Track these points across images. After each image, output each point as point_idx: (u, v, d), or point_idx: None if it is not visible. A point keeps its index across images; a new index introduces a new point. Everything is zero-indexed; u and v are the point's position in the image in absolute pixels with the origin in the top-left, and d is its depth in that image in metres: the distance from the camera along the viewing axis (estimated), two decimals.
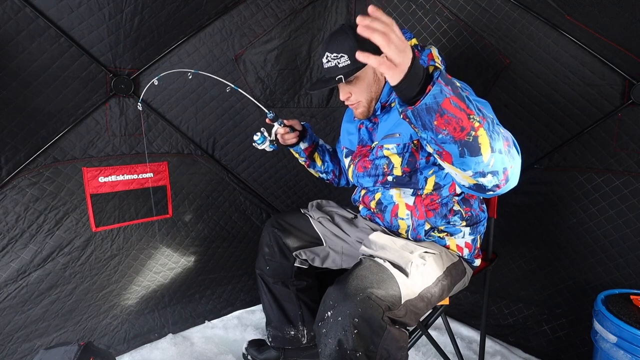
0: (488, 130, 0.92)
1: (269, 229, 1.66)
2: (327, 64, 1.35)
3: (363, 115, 1.44)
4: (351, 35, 1.30)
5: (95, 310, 1.82)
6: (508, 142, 0.98)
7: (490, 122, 0.92)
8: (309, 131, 1.68)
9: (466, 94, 0.90)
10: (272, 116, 1.52)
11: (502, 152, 0.96)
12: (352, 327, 1.06)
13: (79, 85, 1.58)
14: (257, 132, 1.53)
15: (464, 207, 1.40)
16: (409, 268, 1.19)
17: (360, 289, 1.10)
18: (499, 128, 0.97)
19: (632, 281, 1.65)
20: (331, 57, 1.33)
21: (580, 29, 1.59)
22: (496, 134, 0.94)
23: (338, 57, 1.32)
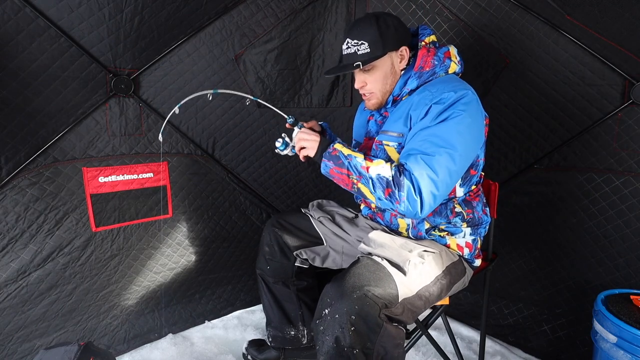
0: (364, 184, 1.25)
1: (270, 228, 1.66)
2: (347, 50, 1.36)
3: (375, 106, 1.45)
4: (374, 24, 1.32)
5: (95, 311, 1.82)
6: (389, 189, 1.21)
7: (368, 179, 1.23)
8: (328, 131, 1.66)
9: (349, 160, 1.26)
10: (292, 121, 1.47)
11: (382, 199, 1.23)
12: (349, 325, 1.06)
13: (79, 85, 1.58)
14: (279, 139, 1.47)
15: (466, 209, 1.40)
16: (406, 266, 1.19)
17: (357, 286, 1.10)
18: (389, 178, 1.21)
19: (632, 281, 1.65)
20: (352, 43, 1.35)
21: (580, 29, 1.59)
22: (374, 187, 1.23)
23: (358, 44, 1.33)
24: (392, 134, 1.37)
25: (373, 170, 1.23)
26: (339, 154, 1.28)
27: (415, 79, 1.35)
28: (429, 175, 1.17)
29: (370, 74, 1.38)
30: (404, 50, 1.37)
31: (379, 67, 1.37)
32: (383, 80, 1.39)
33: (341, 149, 1.29)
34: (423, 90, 1.33)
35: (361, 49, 1.33)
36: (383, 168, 1.22)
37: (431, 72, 1.35)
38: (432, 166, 1.18)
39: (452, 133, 1.21)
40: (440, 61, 1.35)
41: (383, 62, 1.36)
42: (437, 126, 1.22)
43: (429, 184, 1.18)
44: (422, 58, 1.34)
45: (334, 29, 2.11)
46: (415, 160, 1.20)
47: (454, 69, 1.38)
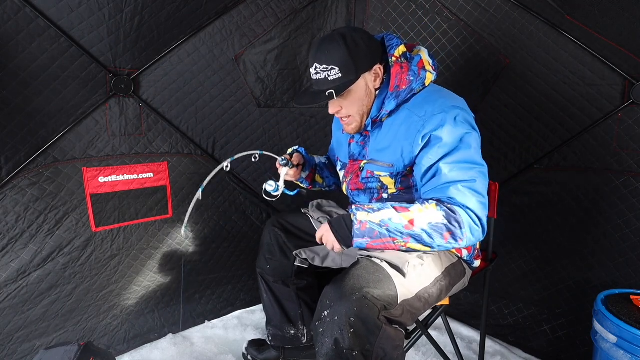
0: (417, 241, 1.14)
1: (270, 228, 1.67)
2: (316, 75, 1.26)
3: (355, 130, 1.37)
4: (343, 46, 1.21)
5: (95, 311, 1.82)
6: (450, 231, 1.13)
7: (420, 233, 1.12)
8: (306, 157, 1.60)
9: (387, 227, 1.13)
10: (284, 162, 1.46)
11: (442, 245, 1.15)
12: (348, 327, 1.06)
13: (79, 86, 1.58)
14: (270, 182, 1.43)
15: None
16: (406, 268, 1.19)
17: (356, 288, 1.10)
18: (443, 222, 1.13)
19: (632, 281, 1.65)
20: (320, 68, 1.24)
21: (580, 29, 1.59)
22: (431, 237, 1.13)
23: (328, 69, 1.23)
24: (381, 164, 1.33)
25: (421, 222, 1.13)
26: (370, 226, 1.14)
27: (393, 99, 1.28)
28: (480, 201, 1.17)
29: (345, 98, 1.29)
30: (378, 68, 1.27)
31: (354, 91, 1.27)
32: (359, 103, 1.30)
33: (369, 218, 1.14)
34: (410, 115, 1.26)
35: (332, 74, 1.23)
36: (429, 214, 1.13)
37: (408, 90, 1.27)
38: (478, 191, 1.17)
39: (472, 153, 1.20)
40: (415, 76, 1.27)
41: (358, 86, 1.26)
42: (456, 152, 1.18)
43: (482, 209, 1.17)
44: (397, 76, 1.26)
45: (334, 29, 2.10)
46: (459, 192, 1.15)
47: (430, 79, 1.30)
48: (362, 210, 1.16)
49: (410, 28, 2.02)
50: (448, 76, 1.99)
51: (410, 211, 1.14)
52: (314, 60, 1.26)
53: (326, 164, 1.75)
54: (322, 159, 1.77)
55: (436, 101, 1.25)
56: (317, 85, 1.29)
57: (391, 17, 2.06)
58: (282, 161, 1.47)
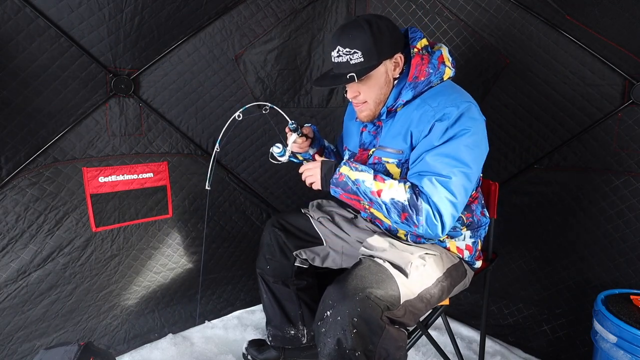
0: (378, 209, 1.23)
1: (270, 228, 1.66)
2: (338, 58, 1.27)
3: (368, 118, 1.38)
4: (368, 31, 1.23)
5: (95, 311, 1.82)
6: (406, 214, 1.18)
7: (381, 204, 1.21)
8: (317, 135, 1.62)
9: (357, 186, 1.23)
10: (294, 127, 1.45)
11: (399, 223, 1.22)
12: (351, 327, 1.06)
13: (79, 85, 1.58)
14: (277, 144, 1.44)
15: (466, 213, 1.39)
16: (408, 269, 1.19)
17: (359, 288, 1.10)
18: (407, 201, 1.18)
19: (632, 281, 1.65)
20: (343, 51, 1.25)
21: (580, 29, 1.59)
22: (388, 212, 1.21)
23: (351, 52, 1.24)
24: (390, 150, 1.33)
25: (386, 195, 1.19)
26: (345, 179, 1.24)
27: (410, 89, 1.29)
28: (448, 199, 1.15)
29: (365, 83, 1.30)
30: (399, 57, 1.29)
31: (374, 77, 1.28)
32: (378, 90, 1.31)
33: (348, 173, 1.24)
34: (422, 105, 1.26)
35: (354, 58, 1.24)
36: (397, 191, 1.18)
37: (426, 82, 1.29)
38: (450, 189, 1.16)
39: (464, 151, 1.18)
40: (435, 69, 1.29)
41: (378, 72, 1.28)
42: (447, 145, 1.18)
43: (449, 207, 1.16)
44: (417, 67, 1.27)
45: (334, 29, 2.10)
46: (431, 183, 1.16)
47: (449, 75, 1.33)
48: (347, 165, 1.26)
49: None
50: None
51: (384, 183, 1.21)
52: (337, 43, 1.26)
53: (334, 151, 1.76)
54: (332, 146, 1.78)
55: (450, 95, 1.26)
56: (337, 69, 1.30)
57: (391, 17, 2.06)
58: (291, 125, 1.45)
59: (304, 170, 1.36)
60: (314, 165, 1.33)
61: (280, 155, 1.45)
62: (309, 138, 1.55)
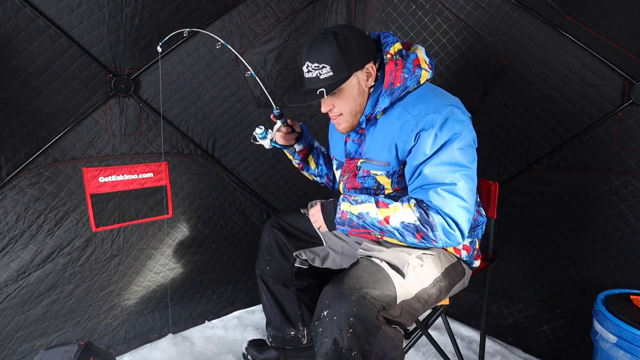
0: (391, 236, 1.21)
1: (269, 229, 1.66)
2: (308, 73, 1.27)
3: (346, 130, 1.36)
4: (334, 44, 1.21)
5: (95, 311, 1.82)
6: (421, 233, 1.17)
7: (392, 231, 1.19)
8: (305, 133, 1.62)
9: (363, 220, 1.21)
10: (278, 113, 1.46)
11: (415, 243, 1.21)
12: (347, 327, 1.06)
13: (79, 85, 1.58)
14: (260, 126, 1.46)
15: None
16: (405, 269, 1.19)
17: (355, 288, 1.10)
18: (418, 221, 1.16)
19: (632, 281, 1.65)
20: (312, 66, 1.24)
21: (580, 29, 1.59)
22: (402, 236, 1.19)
23: (319, 67, 1.23)
24: (377, 163, 1.33)
25: (394, 220, 1.17)
26: (349, 216, 1.22)
27: (387, 96, 1.27)
28: (459, 205, 1.15)
29: (337, 96, 1.28)
30: (370, 67, 1.27)
31: (346, 89, 1.27)
32: (352, 102, 1.29)
33: (349, 209, 1.22)
34: (404, 114, 1.25)
35: (323, 73, 1.22)
36: (404, 214, 1.17)
37: (402, 88, 1.26)
38: (458, 195, 1.15)
39: (459, 154, 1.17)
40: (410, 73, 1.26)
41: (349, 84, 1.26)
42: (441, 153, 1.18)
43: (462, 213, 1.16)
44: (391, 73, 1.25)
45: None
46: (438, 195, 1.15)
47: (426, 77, 1.29)
48: (347, 200, 1.24)
49: (410, 28, 2.02)
50: (448, 76, 1.99)
51: (389, 208, 1.19)
52: (306, 58, 1.26)
53: (324, 153, 1.73)
54: (323, 148, 1.76)
55: (430, 100, 1.24)
56: (309, 84, 1.29)
57: (391, 17, 2.06)
58: (275, 111, 1.45)
59: (311, 215, 1.35)
60: (316, 210, 1.31)
61: (262, 137, 1.46)
62: (295, 132, 1.54)
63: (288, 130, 1.52)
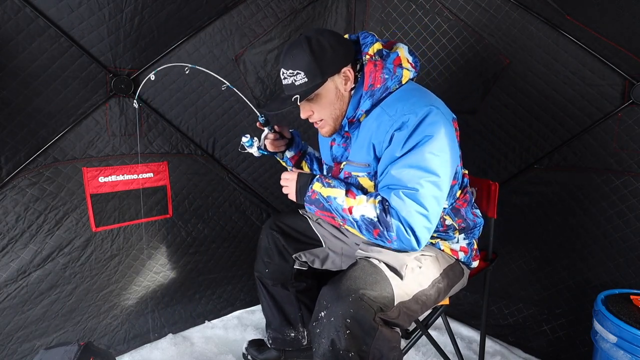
0: (351, 226, 1.23)
1: (267, 231, 1.66)
2: (285, 80, 1.26)
3: (329, 133, 1.35)
4: (307, 50, 1.20)
5: (95, 311, 1.82)
6: (377, 230, 1.17)
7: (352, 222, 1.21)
8: (296, 139, 1.60)
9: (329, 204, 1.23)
10: (263, 120, 1.44)
11: (372, 238, 1.21)
12: (344, 328, 1.06)
13: (79, 85, 1.58)
14: (246, 134, 1.45)
15: (456, 219, 1.37)
16: (403, 270, 1.19)
17: (352, 289, 1.10)
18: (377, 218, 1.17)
19: (632, 281, 1.65)
20: (287, 73, 1.24)
21: (580, 29, 1.59)
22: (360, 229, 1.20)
23: (294, 74, 1.22)
24: (357, 164, 1.31)
25: (356, 211, 1.18)
26: (318, 196, 1.24)
27: (368, 98, 1.25)
28: (418, 211, 1.12)
29: (315, 102, 1.27)
30: (347, 71, 1.25)
31: (323, 95, 1.25)
32: (330, 106, 1.28)
33: (320, 190, 1.24)
34: (381, 114, 1.23)
35: (298, 79, 1.22)
36: (366, 208, 1.17)
37: (383, 89, 1.24)
38: (419, 201, 1.12)
39: (429, 159, 1.13)
40: (390, 73, 1.23)
41: (326, 89, 1.24)
42: (410, 155, 1.14)
43: (420, 220, 1.13)
44: (370, 75, 1.23)
45: (334, 29, 2.11)
46: (398, 197, 1.13)
47: (408, 77, 1.27)
48: (320, 181, 1.26)
49: (410, 28, 2.02)
50: (448, 76, 1.99)
51: (356, 199, 1.20)
52: (282, 65, 1.26)
53: (318, 158, 1.72)
54: (317, 153, 1.73)
55: (409, 100, 1.21)
56: (286, 90, 1.28)
57: (391, 17, 2.06)
58: (261, 119, 1.44)
59: (283, 180, 1.36)
60: (291, 177, 1.32)
61: (248, 146, 1.46)
62: (284, 138, 1.53)
63: (276, 136, 1.51)
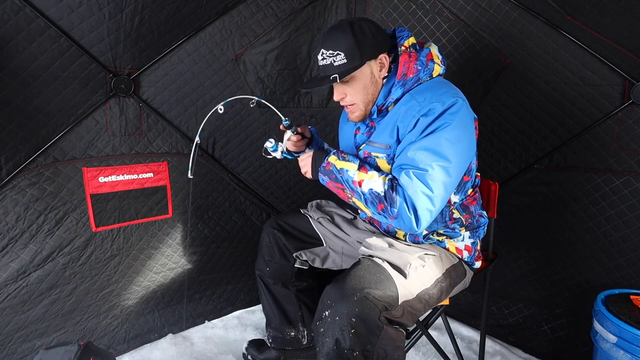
0: (358, 198, 1.26)
1: (269, 230, 1.66)
2: (322, 61, 1.30)
3: (359, 118, 1.38)
4: (349, 33, 1.24)
5: (95, 311, 1.82)
6: (382, 205, 1.20)
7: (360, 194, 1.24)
8: (315, 137, 1.62)
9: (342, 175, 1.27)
10: (287, 123, 1.45)
11: (376, 213, 1.23)
12: (349, 327, 1.06)
13: (79, 85, 1.58)
14: (270, 139, 1.46)
15: (464, 214, 1.38)
16: (407, 269, 1.19)
17: (357, 289, 1.10)
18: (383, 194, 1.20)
19: (632, 281, 1.65)
20: (327, 54, 1.27)
21: (580, 29, 1.59)
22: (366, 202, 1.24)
23: (334, 54, 1.26)
24: (378, 145, 1.32)
25: (365, 185, 1.22)
26: (332, 168, 1.28)
27: (399, 87, 1.29)
28: (423, 192, 1.14)
29: (350, 85, 1.30)
30: (384, 58, 1.29)
31: (359, 78, 1.29)
32: (364, 91, 1.31)
33: (334, 162, 1.28)
34: (410, 100, 1.26)
35: (337, 60, 1.26)
36: (375, 182, 1.20)
37: (415, 79, 1.28)
38: (426, 182, 1.14)
39: (444, 145, 1.16)
40: (423, 65, 1.28)
41: (362, 72, 1.28)
42: (427, 138, 1.17)
43: (424, 201, 1.14)
44: (405, 64, 1.27)
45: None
46: (407, 176, 1.16)
47: (438, 72, 1.32)
48: (336, 154, 1.30)
49: (410, 28, 2.02)
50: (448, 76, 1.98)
51: (367, 174, 1.23)
52: (322, 46, 1.29)
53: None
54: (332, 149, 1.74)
55: (439, 90, 1.24)
56: (323, 71, 1.32)
57: (391, 17, 2.06)
58: (285, 122, 1.45)
59: (300, 160, 1.42)
60: (308, 155, 1.39)
61: (273, 150, 1.47)
62: (305, 137, 1.54)
63: (299, 138, 1.51)
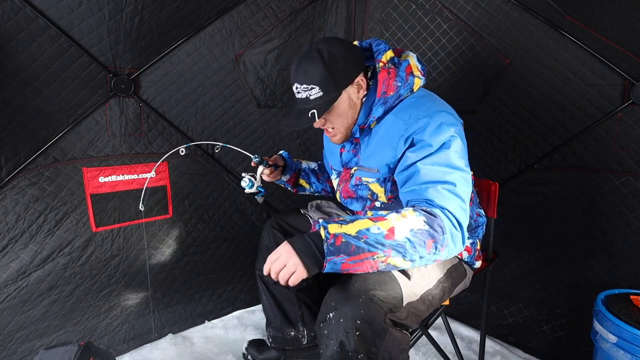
0: (399, 253, 1.00)
1: (269, 229, 1.66)
2: (298, 94, 1.26)
3: (340, 141, 1.36)
4: (320, 63, 1.19)
5: (95, 311, 1.82)
6: (432, 239, 1.01)
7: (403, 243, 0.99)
8: (289, 162, 1.62)
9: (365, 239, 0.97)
10: (258, 160, 1.48)
11: (424, 257, 1.03)
12: (354, 329, 1.05)
13: (79, 85, 1.58)
14: (244, 179, 1.48)
15: None
16: (410, 270, 1.19)
17: (362, 290, 1.09)
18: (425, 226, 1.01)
19: (632, 281, 1.65)
20: (301, 88, 1.24)
21: (580, 29, 1.59)
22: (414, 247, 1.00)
23: (308, 88, 1.22)
24: (367, 169, 1.32)
25: (401, 230, 1.00)
26: (345, 239, 0.98)
27: (380, 105, 1.26)
28: (461, 206, 1.09)
29: (329, 113, 1.28)
30: (360, 80, 1.26)
31: (337, 106, 1.26)
32: (343, 116, 1.28)
33: (343, 231, 0.99)
34: (394, 120, 1.24)
35: (313, 93, 1.22)
36: (409, 221, 1.02)
37: (396, 96, 1.25)
38: (459, 195, 1.10)
39: (455, 157, 1.15)
40: (403, 81, 1.25)
41: (340, 100, 1.25)
42: (437, 154, 1.14)
43: (463, 214, 1.10)
44: (384, 82, 1.25)
45: (334, 29, 2.11)
46: (438, 193, 1.08)
47: (419, 85, 1.28)
48: (332, 222, 1.00)
49: (410, 28, 2.02)
50: (448, 76, 1.99)
51: (388, 219, 1.01)
52: (294, 79, 1.26)
53: (314, 169, 1.75)
54: (312, 164, 1.77)
55: (422, 105, 1.23)
56: (300, 104, 1.28)
57: (391, 17, 2.06)
58: (255, 159, 1.49)
59: (269, 264, 1.04)
60: (284, 250, 1.02)
61: (249, 187, 1.49)
62: (278, 166, 1.56)
63: (272, 170, 1.54)
